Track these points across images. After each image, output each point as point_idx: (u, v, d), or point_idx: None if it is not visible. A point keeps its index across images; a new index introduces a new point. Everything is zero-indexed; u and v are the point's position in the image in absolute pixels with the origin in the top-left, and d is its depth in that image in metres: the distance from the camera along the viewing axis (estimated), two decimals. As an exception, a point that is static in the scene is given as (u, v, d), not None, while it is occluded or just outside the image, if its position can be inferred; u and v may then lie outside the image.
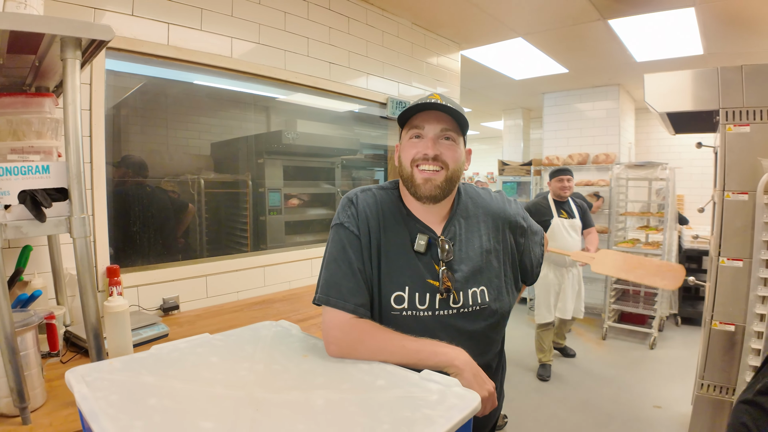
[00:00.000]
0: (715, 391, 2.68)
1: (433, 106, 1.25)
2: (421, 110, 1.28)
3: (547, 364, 4.39)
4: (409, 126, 1.30)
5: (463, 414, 0.89)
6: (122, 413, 0.85)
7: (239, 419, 0.84)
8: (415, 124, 1.29)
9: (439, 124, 1.28)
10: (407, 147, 1.30)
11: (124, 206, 2.47)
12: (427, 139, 1.27)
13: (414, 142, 1.29)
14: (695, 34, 4.21)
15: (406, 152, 1.30)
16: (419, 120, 1.28)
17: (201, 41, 2.54)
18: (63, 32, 1.20)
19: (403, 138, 1.34)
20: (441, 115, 1.28)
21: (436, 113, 1.28)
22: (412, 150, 1.28)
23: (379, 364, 1.12)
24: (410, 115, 1.29)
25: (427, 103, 1.25)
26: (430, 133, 1.27)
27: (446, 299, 1.26)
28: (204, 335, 1.29)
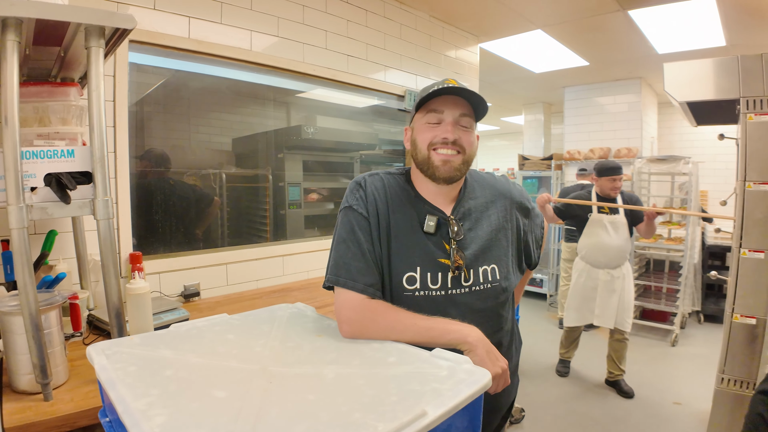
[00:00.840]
0: (735, 385, 2.64)
1: (454, 90, 1.27)
2: (441, 94, 1.29)
3: (566, 361, 4.28)
4: (427, 109, 1.31)
5: (472, 389, 0.89)
6: (139, 382, 0.88)
7: (251, 389, 0.87)
8: (434, 108, 1.30)
9: (457, 109, 1.30)
10: (424, 130, 1.32)
11: (148, 197, 2.54)
12: (447, 124, 1.29)
13: (432, 126, 1.31)
14: (717, 25, 4.14)
15: (423, 135, 1.32)
16: (438, 104, 1.30)
17: (221, 34, 2.58)
18: (87, 21, 1.25)
19: (418, 121, 1.35)
20: (459, 100, 1.30)
21: (454, 98, 1.30)
22: (429, 133, 1.30)
23: (392, 342, 1.14)
24: (429, 98, 1.30)
25: (448, 87, 1.26)
26: (449, 117, 1.29)
27: (458, 277, 1.28)
28: (222, 315, 1.33)
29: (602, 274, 3.82)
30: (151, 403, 0.80)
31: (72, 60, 1.63)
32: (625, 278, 3.83)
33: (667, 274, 5.76)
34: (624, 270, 3.83)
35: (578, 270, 3.98)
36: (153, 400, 0.82)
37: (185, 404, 0.81)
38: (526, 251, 1.50)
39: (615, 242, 3.77)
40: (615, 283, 3.79)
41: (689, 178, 5.33)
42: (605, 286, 3.80)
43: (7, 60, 1.17)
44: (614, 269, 3.81)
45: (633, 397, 3.83)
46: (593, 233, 3.83)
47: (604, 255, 3.77)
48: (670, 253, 5.57)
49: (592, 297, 3.86)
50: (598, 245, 3.80)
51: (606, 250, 3.76)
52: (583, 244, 3.89)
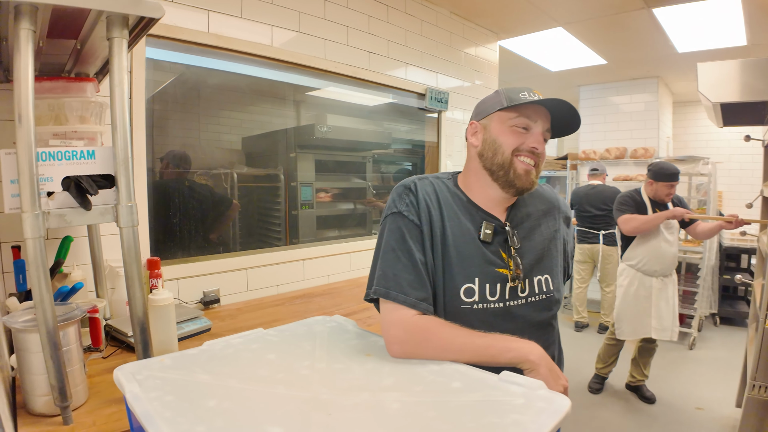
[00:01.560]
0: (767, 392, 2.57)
1: (560, 104, 1.22)
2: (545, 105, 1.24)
3: (603, 377, 4.04)
4: (518, 113, 1.23)
5: (556, 420, 0.80)
6: (180, 416, 0.78)
7: (311, 424, 0.77)
8: (528, 115, 1.23)
9: (546, 122, 1.26)
10: (511, 134, 1.24)
11: (166, 200, 2.44)
12: (537, 134, 1.24)
13: (521, 132, 1.23)
14: (740, 24, 4.06)
15: (509, 138, 1.24)
16: (531, 111, 1.23)
17: (241, 29, 2.49)
18: (110, 8, 1.13)
19: (502, 121, 1.25)
20: (547, 113, 1.26)
21: (545, 110, 1.25)
22: (518, 138, 1.23)
23: (450, 364, 1.04)
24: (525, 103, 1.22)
25: (553, 100, 1.21)
26: (539, 128, 1.24)
27: (515, 288, 1.22)
28: (257, 330, 1.24)
29: (655, 282, 3.60)
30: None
31: (89, 54, 1.52)
32: (674, 285, 3.67)
33: (684, 276, 5.67)
34: (673, 277, 3.67)
35: (629, 278, 3.67)
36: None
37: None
38: (566, 262, 1.44)
39: (672, 249, 3.58)
40: (668, 291, 3.61)
41: (708, 178, 5.26)
42: (659, 294, 3.59)
43: (21, 51, 1.05)
44: (666, 277, 3.62)
45: (655, 402, 3.74)
46: (650, 241, 3.56)
47: (661, 263, 3.56)
48: (687, 255, 5.48)
49: (646, 307, 3.62)
50: (656, 253, 3.55)
51: (664, 258, 3.56)
52: (637, 252, 3.62)
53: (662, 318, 3.57)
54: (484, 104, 1.32)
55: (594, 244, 5.36)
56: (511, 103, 1.22)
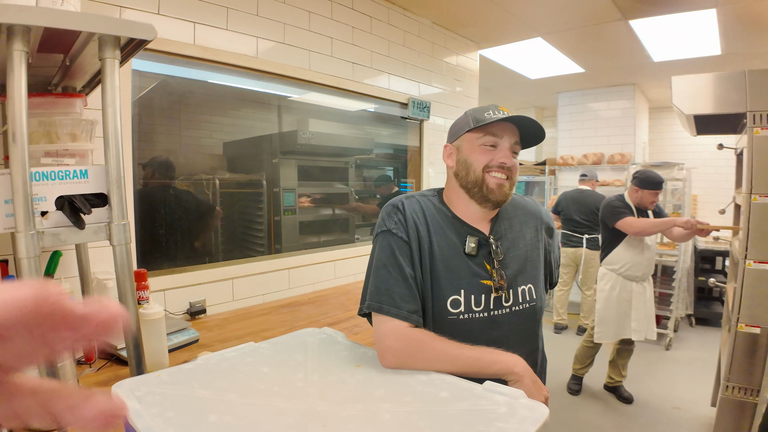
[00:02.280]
0: (740, 392, 2.65)
1: (520, 120, 1.30)
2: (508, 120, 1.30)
3: (580, 378, 4.11)
4: (485, 132, 1.31)
5: (536, 427, 0.86)
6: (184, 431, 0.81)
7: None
8: (493, 132, 1.30)
9: (513, 136, 1.32)
10: (480, 152, 1.31)
11: (151, 209, 2.44)
12: (505, 149, 1.31)
13: (489, 150, 1.31)
14: (714, 35, 4.17)
15: (478, 157, 1.31)
16: (497, 129, 1.30)
17: (227, 41, 2.50)
18: (103, 30, 1.16)
19: (471, 141, 1.33)
20: (515, 129, 1.32)
21: (511, 126, 1.32)
22: (486, 156, 1.31)
23: (438, 374, 1.09)
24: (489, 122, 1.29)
25: (515, 117, 1.28)
26: (507, 144, 1.31)
27: (499, 298, 1.28)
28: (249, 344, 1.27)
29: (635, 286, 3.71)
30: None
31: (77, 69, 1.53)
32: (651, 288, 3.81)
33: (660, 279, 5.79)
34: (650, 280, 3.80)
35: (610, 282, 3.76)
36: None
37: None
38: (549, 271, 1.50)
39: (651, 255, 3.72)
40: (646, 294, 3.73)
41: (682, 183, 5.37)
42: (639, 298, 3.70)
43: (14, 72, 1.07)
44: (645, 281, 3.73)
45: (633, 402, 3.83)
46: (636, 247, 3.65)
47: (642, 268, 3.66)
48: (662, 258, 5.59)
49: (627, 310, 3.72)
50: (639, 258, 3.66)
51: (645, 264, 3.67)
52: (620, 257, 3.71)
53: (641, 320, 3.68)
54: (455, 127, 1.40)
55: (577, 248, 5.44)
56: (477, 123, 1.29)
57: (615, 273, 3.74)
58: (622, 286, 3.71)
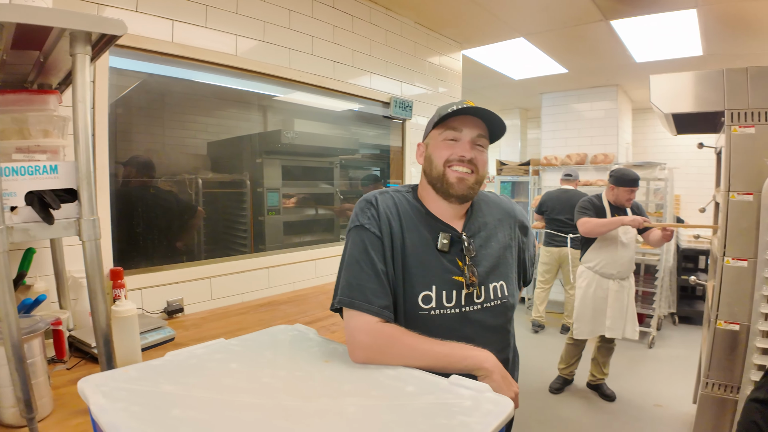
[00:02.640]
0: (720, 389, 2.68)
1: (475, 111, 1.28)
2: (463, 113, 1.30)
3: (565, 378, 4.12)
4: (446, 127, 1.32)
5: (499, 420, 0.87)
6: (146, 426, 0.81)
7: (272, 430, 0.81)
8: (453, 126, 1.31)
9: (475, 129, 1.31)
10: (441, 147, 1.32)
11: (129, 207, 2.41)
12: (465, 143, 1.30)
13: (450, 144, 1.31)
14: (696, 36, 4.21)
15: (440, 152, 1.31)
16: (458, 123, 1.31)
17: (206, 39, 2.49)
18: (74, 26, 1.15)
19: (435, 138, 1.35)
20: (477, 121, 1.32)
21: (473, 118, 1.31)
22: (447, 151, 1.31)
23: (406, 369, 1.09)
24: (449, 116, 1.30)
25: (470, 108, 1.27)
26: (468, 136, 1.30)
27: (471, 294, 1.28)
28: (220, 340, 1.26)
29: (612, 284, 3.74)
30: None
31: (52, 65, 1.52)
32: (631, 288, 3.82)
33: (643, 277, 5.84)
34: (631, 280, 3.81)
35: (587, 280, 3.82)
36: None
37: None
38: (523, 269, 1.51)
39: (628, 253, 3.74)
40: (624, 293, 3.75)
41: (664, 183, 5.42)
42: (615, 296, 3.73)
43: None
44: (624, 280, 3.75)
45: (615, 400, 3.86)
46: (609, 245, 3.71)
47: (618, 266, 3.70)
48: (645, 257, 5.64)
49: (602, 308, 3.76)
50: (614, 256, 3.70)
51: (621, 261, 3.70)
52: (595, 255, 3.77)
53: (615, 318, 3.71)
54: (426, 126, 1.40)
55: (561, 247, 5.46)
56: (439, 118, 1.30)
57: (591, 271, 3.79)
58: (598, 283, 3.75)
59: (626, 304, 3.75)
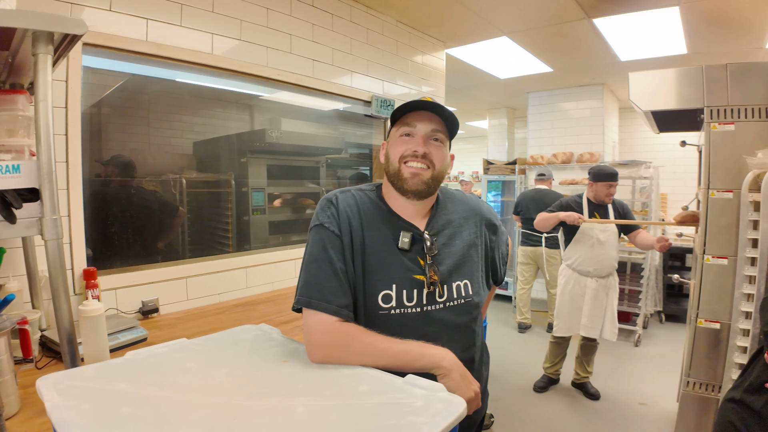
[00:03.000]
0: (701, 388, 2.68)
1: (427, 105, 1.29)
2: (415, 109, 1.30)
3: (550, 377, 4.12)
4: (401, 123, 1.32)
5: (449, 420, 0.86)
6: (94, 423, 0.81)
7: (216, 428, 0.81)
8: (407, 122, 1.31)
9: (430, 124, 1.30)
10: (397, 143, 1.32)
11: (108, 207, 2.41)
12: (418, 137, 1.30)
13: (404, 140, 1.31)
14: (679, 34, 4.22)
15: (396, 148, 1.32)
16: (411, 118, 1.31)
17: (181, 37, 2.48)
18: (34, 26, 1.15)
19: (393, 135, 1.35)
20: (433, 116, 1.31)
21: (429, 114, 1.31)
22: (402, 147, 1.30)
23: (363, 368, 1.09)
24: (403, 113, 1.31)
25: (422, 102, 1.28)
26: (421, 131, 1.30)
27: (433, 293, 1.27)
28: (182, 340, 1.26)
29: (590, 282, 3.74)
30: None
31: (21, 66, 1.52)
32: (612, 288, 3.79)
33: (629, 276, 5.86)
34: (612, 280, 3.79)
35: (565, 277, 3.87)
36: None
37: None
38: (492, 267, 1.50)
39: (607, 252, 3.72)
40: (601, 293, 3.74)
41: (650, 182, 5.44)
42: (593, 294, 3.72)
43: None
44: (603, 278, 3.75)
45: (599, 398, 3.86)
46: (584, 242, 3.73)
47: (594, 264, 3.70)
48: (632, 256, 5.66)
49: (579, 306, 3.78)
50: (590, 254, 3.71)
51: (598, 259, 3.70)
52: (572, 252, 3.81)
53: (592, 317, 3.72)
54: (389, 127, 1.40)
55: (536, 247, 5.51)
56: (394, 115, 1.32)
57: (570, 268, 3.82)
58: (576, 281, 3.78)
59: (605, 304, 3.75)
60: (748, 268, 2.44)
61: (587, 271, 3.73)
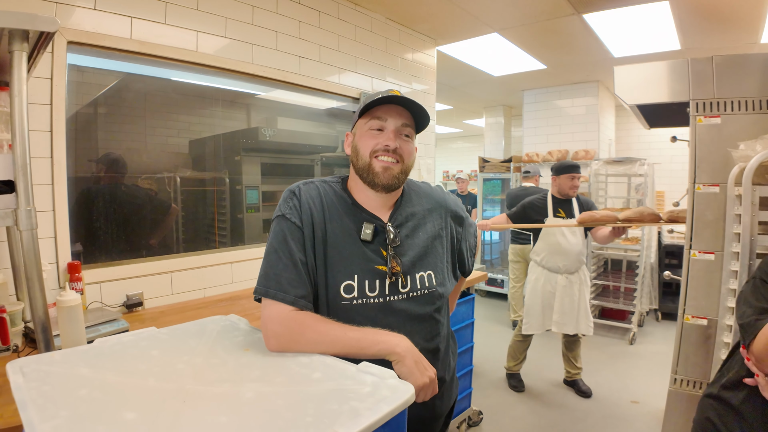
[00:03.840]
0: (689, 386, 2.66)
1: (400, 100, 1.29)
2: (386, 102, 1.31)
3: (516, 374, 4.09)
4: (370, 116, 1.33)
5: (392, 407, 0.88)
6: (50, 403, 0.84)
7: (163, 410, 0.84)
8: (378, 116, 1.32)
9: (400, 119, 1.32)
10: (366, 137, 1.33)
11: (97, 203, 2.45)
12: (389, 132, 1.31)
13: (375, 134, 1.32)
14: (671, 29, 4.23)
15: (366, 142, 1.33)
16: (382, 112, 1.32)
17: (165, 35, 2.52)
18: (7, 24, 1.20)
19: (360, 128, 1.35)
20: (402, 111, 1.33)
21: (398, 108, 1.32)
22: (372, 141, 1.32)
23: (319, 357, 1.11)
24: (372, 106, 1.32)
25: (392, 96, 1.28)
26: (392, 126, 1.32)
27: (395, 284, 1.29)
28: (151, 329, 1.28)
29: (560, 278, 3.73)
30: (57, 426, 0.77)
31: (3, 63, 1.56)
32: (583, 283, 3.79)
33: (625, 274, 5.86)
34: (581, 275, 3.79)
35: (535, 274, 3.87)
36: (60, 422, 0.78)
37: (91, 427, 0.78)
38: (460, 259, 1.53)
39: (572, 247, 3.71)
40: (573, 288, 3.73)
41: (644, 179, 5.43)
42: (564, 291, 3.71)
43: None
44: (572, 274, 3.76)
45: (591, 396, 3.85)
46: (550, 238, 3.75)
47: (562, 259, 3.71)
48: (627, 253, 5.65)
49: (550, 302, 3.77)
50: (555, 250, 3.72)
51: (564, 255, 3.71)
52: (540, 248, 3.83)
53: (564, 313, 3.71)
54: (354, 116, 1.42)
55: (525, 245, 5.49)
56: (363, 108, 1.33)
57: (538, 265, 3.84)
58: (546, 278, 3.78)
59: (577, 300, 3.74)
60: (734, 263, 2.42)
61: (557, 267, 3.73)
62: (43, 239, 2.11)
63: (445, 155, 12.36)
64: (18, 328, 1.79)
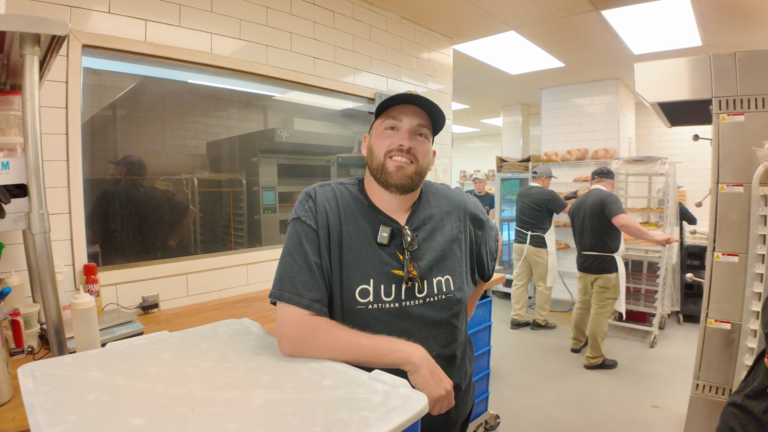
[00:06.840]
0: (711, 391, 2.60)
1: (414, 99, 1.28)
2: (400, 102, 1.30)
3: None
4: (386, 116, 1.32)
5: (404, 418, 0.85)
6: (58, 407, 0.84)
7: (170, 416, 0.82)
8: (393, 115, 1.31)
9: (415, 119, 1.30)
10: (381, 137, 1.32)
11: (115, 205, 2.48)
12: (404, 132, 1.30)
13: (389, 133, 1.31)
14: (692, 25, 4.15)
15: (380, 142, 1.31)
16: (397, 112, 1.31)
17: (179, 38, 2.53)
18: (19, 29, 1.20)
19: (377, 128, 1.35)
20: (418, 111, 1.31)
21: (414, 108, 1.31)
22: (387, 141, 1.30)
23: (331, 363, 1.09)
24: (388, 106, 1.31)
25: (408, 96, 1.27)
26: (407, 125, 1.30)
27: (411, 289, 1.26)
28: (163, 333, 1.28)
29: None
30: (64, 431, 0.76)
31: (16, 67, 1.57)
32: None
33: (646, 275, 5.77)
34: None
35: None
36: (67, 427, 0.78)
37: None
38: (479, 263, 1.49)
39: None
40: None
41: (666, 178, 5.34)
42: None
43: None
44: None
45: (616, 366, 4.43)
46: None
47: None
48: (648, 254, 5.56)
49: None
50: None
51: None
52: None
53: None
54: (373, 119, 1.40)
55: (522, 244, 5.56)
56: (378, 110, 1.32)
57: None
58: None
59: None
60: (759, 265, 2.38)
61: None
62: (60, 241, 2.13)
63: (463, 155, 12.30)
64: (34, 330, 1.80)
